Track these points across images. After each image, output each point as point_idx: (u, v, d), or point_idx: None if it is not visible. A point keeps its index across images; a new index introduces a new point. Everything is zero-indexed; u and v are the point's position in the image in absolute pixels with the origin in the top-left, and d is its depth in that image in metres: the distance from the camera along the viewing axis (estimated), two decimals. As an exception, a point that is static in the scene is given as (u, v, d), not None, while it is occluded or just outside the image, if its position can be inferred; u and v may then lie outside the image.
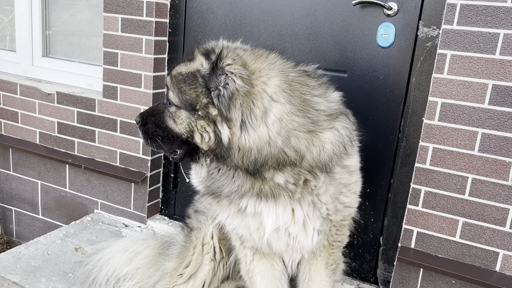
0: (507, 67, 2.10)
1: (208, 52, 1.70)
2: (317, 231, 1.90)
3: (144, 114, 1.90)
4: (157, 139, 1.83)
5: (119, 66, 3.12)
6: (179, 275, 2.33)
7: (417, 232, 2.42)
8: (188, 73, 1.72)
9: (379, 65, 2.49)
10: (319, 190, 1.81)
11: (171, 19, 3.04)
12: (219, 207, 1.92)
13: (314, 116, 1.73)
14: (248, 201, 1.81)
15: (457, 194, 2.29)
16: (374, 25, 2.47)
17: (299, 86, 1.74)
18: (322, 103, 1.78)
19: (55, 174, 3.58)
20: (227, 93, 1.62)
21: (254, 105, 1.64)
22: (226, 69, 1.63)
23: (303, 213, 1.84)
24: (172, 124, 1.78)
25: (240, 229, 1.95)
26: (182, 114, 1.73)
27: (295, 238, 1.91)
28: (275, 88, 1.67)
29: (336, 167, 1.83)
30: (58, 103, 3.44)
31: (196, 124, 1.70)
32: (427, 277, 2.44)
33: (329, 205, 1.87)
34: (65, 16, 3.63)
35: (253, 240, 1.95)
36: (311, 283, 2.14)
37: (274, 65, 1.74)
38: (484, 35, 2.12)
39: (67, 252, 2.89)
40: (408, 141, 2.48)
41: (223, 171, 1.79)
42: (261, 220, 1.85)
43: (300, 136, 1.69)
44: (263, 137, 1.65)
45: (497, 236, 2.25)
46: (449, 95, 2.22)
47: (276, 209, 1.81)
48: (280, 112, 1.66)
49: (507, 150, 2.16)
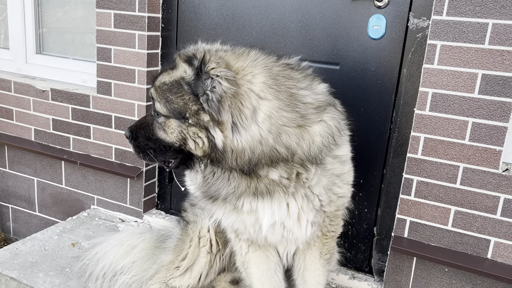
0: (496, 56, 2.12)
1: (190, 58, 1.69)
2: (311, 223, 1.92)
3: (133, 127, 1.88)
4: (149, 152, 1.82)
5: (112, 61, 3.13)
6: (175, 267, 2.35)
7: (410, 221, 2.45)
8: (173, 81, 1.70)
9: (371, 56, 2.51)
10: (311, 182, 1.82)
11: (163, 14, 3.05)
12: (215, 206, 1.93)
13: (302, 110, 1.73)
14: (244, 200, 1.82)
15: (449, 183, 2.32)
16: (365, 17, 2.48)
17: (285, 80, 1.74)
18: (309, 95, 1.79)
19: (51, 171, 3.59)
20: (215, 96, 1.61)
21: (242, 105, 1.64)
22: (211, 73, 1.62)
23: (298, 206, 1.86)
24: (163, 135, 1.77)
25: (236, 224, 1.97)
26: (172, 123, 1.71)
27: (290, 231, 1.93)
28: (261, 85, 1.68)
29: (327, 158, 1.84)
30: (52, 100, 3.45)
31: (188, 131, 1.70)
32: (420, 266, 2.47)
33: (322, 197, 1.89)
34: (59, 13, 3.63)
35: (249, 233, 1.97)
36: (305, 273, 2.17)
37: (256, 61, 1.74)
38: (473, 25, 2.14)
39: (64, 248, 2.90)
40: (400, 131, 2.50)
41: (218, 175, 1.79)
42: (257, 216, 1.87)
43: (290, 132, 1.70)
44: (255, 137, 1.65)
45: (489, 224, 2.28)
46: (439, 85, 2.25)
47: (271, 205, 1.83)
48: (269, 109, 1.66)
49: (497, 139, 2.19)
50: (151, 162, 1.92)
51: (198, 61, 1.65)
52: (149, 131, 1.81)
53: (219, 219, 2.00)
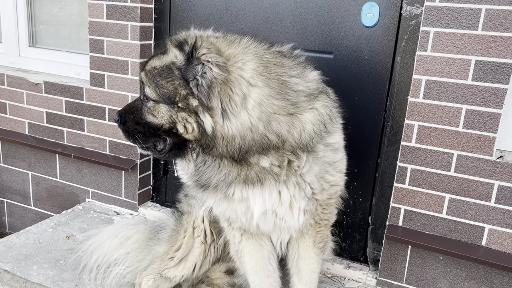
0: (489, 42, 2.11)
1: (181, 44, 1.68)
2: (303, 211, 1.91)
3: (122, 112, 1.87)
4: (137, 136, 1.81)
5: (105, 53, 3.11)
6: (170, 258, 2.34)
7: (404, 210, 2.44)
8: (163, 66, 1.70)
9: (364, 45, 2.50)
10: (302, 170, 1.81)
11: (156, 4, 3.03)
12: (206, 195, 1.92)
13: (293, 98, 1.72)
14: (235, 188, 1.82)
15: (443, 170, 2.32)
16: (359, 4, 2.47)
17: (276, 67, 1.73)
18: (300, 83, 1.77)
19: (45, 165, 3.57)
20: (205, 82, 1.61)
21: (232, 92, 1.64)
22: (202, 59, 1.61)
23: (289, 194, 1.85)
24: (151, 119, 1.76)
25: (227, 212, 1.96)
26: (162, 108, 1.71)
27: (282, 219, 1.92)
28: (251, 72, 1.67)
29: (319, 146, 1.83)
30: (46, 93, 3.43)
31: (177, 116, 1.69)
32: (415, 254, 2.47)
33: (314, 185, 1.88)
34: (51, 6, 3.60)
35: (241, 221, 1.97)
36: (299, 261, 2.16)
37: (247, 49, 1.73)
38: (466, 11, 2.12)
39: (59, 240, 2.89)
40: (394, 120, 2.49)
41: (209, 163, 1.79)
42: (248, 204, 1.86)
43: (281, 120, 1.69)
44: (245, 124, 1.65)
45: (483, 211, 2.28)
46: (433, 73, 2.23)
47: (262, 193, 1.82)
48: (259, 96, 1.65)
49: (490, 126, 2.18)
50: (141, 149, 1.88)
51: (189, 47, 1.64)
52: (138, 115, 1.80)
53: (210, 207, 2.00)
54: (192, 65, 1.63)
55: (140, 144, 1.84)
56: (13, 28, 3.64)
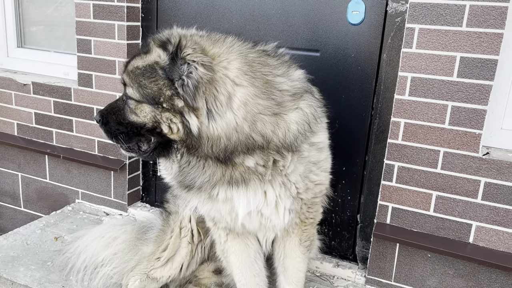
0: (474, 38, 2.10)
1: (164, 43, 1.66)
2: (288, 210, 1.91)
3: (103, 112, 1.84)
4: (120, 137, 1.78)
5: (93, 53, 3.09)
6: (156, 258, 2.33)
7: (392, 207, 2.44)
8: (146, 66, 1.67)
9: (351, 42, 2.49)
10: (287, 170, 1.81)
11: (143, 3, 3.01)
12: (190, 195, 1.90)
13: (278, 98, 1.71)
14: (220, 189, 1.80)
15: (430, 168, 2.31)
16: (344, 2, 2.46)
17: (260, 66, 1.72)
18: (285, 82, 1.76)
19: (35, 166, 3.55)
20: (191, 82, 1.59)
21: (217, 91, 1.62)
22: (187, 58, 1.60)
23: (275, 194, 1.85)
24: (134, 118, 1.73)
25: (212, 212, 1.95)
26: (145, 108, 1.68)
27: (268, 218, 1.92)
28: (236, 72, 1.66)
29: (304, 145, 1.82)
30: (34, 94, 3.41)
31: (161, 116, 1.67)
32: (403, 252, 2.46)
33: (299, 184, 1.87)
34: (39, 6, 3.58)
35: (226, 221, 1.96)
36: (286, 260, 2.15)
37: (232, 48, 1.72)
38: (451, 7, 2.12)
39: (47, 242, 2.88)
40: (381, 117, 2.48)
41: (193, 163, 1.77)
42: (233, 204, 1.85)
43: (266, 120, 1.68)
44: (230, 124, 1.64)
45: (470, 208, 2.27)
46: (418, 69, 2.23)
47: (247, 193, 1.81)
48: (244, 96, 1.64)
49: (476, 122, 2.18)
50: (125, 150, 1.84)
51: (173, 46, 1.62)
52: (121, 115, 1.78)
53: (194, 207, 1.98)
54: (177, 65, 1.62)
55: (123, 144, 1.81)
56: (1, 29, 3.62)
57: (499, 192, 2.20)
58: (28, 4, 3.61)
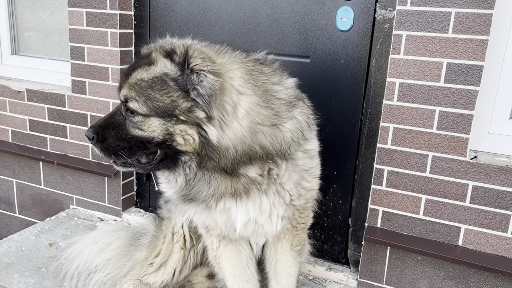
0: (460, 45, 2.14)
1: (169, 53, 1.63)
2: (281, 217, 1.94)
3: (97, 128, 1.72)
4: (122, 152, 1.69)
5: (86, 60, 3.12)
6: (149, 264, 2.35)
7: (382, 211, 2.47)
8: (154, 78, 1.61)
9: (340, 49, 2.52)
10: (282, 178, 1.83)
11: (136, 11, 3.04)
12: (187, 206, 1.90)
13: (276, 107, 1.73)
14: (223, 201, 1.81)
15: (419, 172, 2.34)
16: (333, 9, 2.49)
17: (259, 75, 1.74)
18: (282, 91, 1.79)
19: (29, 172, 3.57)
20: (206, 91, 1.57)
21: (225, 101, 1.62)
22: (196, 68, 1.58)
23: (269, 203, 1.87)
24: (139, 132, 1.66)
25: (207, 221, 1.96)
26: (154, 122, 1.63)
27: (261, 225, 1.94)
28: (239, 81, 1.67)
29: (298, 153, 1.85)
30: (28, 101, 3.43)
31: (174, 129, 1.62)
32: (394, 255, 2.49)
33: (293, 191, 1.90)
34: (33, 14, 3.61)
35: (220, 229, 1.97)
36: (277, 265, 2.17)
37: (235, 57, 1.74)
38: (437, 14, 2.15)
39: (41, 248, 2.89)
40: (371, 122, 2.51)
41: (200, 176, 1.74)
42: (229, 214, 1.87)
43: (265, 131, 1.69)
44: (237, 134, 1.64)
45: (458, 211, 2.30)
46: (406, 75, 2.26)
47: (247, 204, 1.83)
48: (248, 104, 1.65)
49: (463, 127, 2.21)
50: (122, 165, 1.77)
51: (181, 56, 1.61)
52: (122, 131, 1.69)
53: (190, 218, 2.00)
54: (187, 75, 1.59)
55: (124, 159, 1.72)
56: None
57: (486, 195, 2.23)
58: (23, 10, 3.63)
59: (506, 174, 2.18)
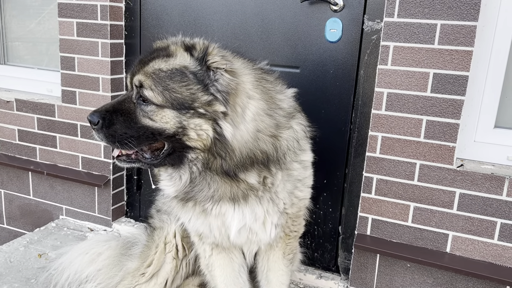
0: (446, 56, 2.19)
1: (190, 48, 1.66)
2: (275, 225, 1.96)
3: (104, 113, 1.66)
4: (129, 141, 1.64)
5: (76, 70, 3.12)
6: (141, 274, 2.34)
7: (371, 219, 2.50)
8: (173, 69, 1.62)
9: (329, 59, 2.57)
10: (277, 188, 1.86)
11: (126, 21, 3.06)
12: (183, 209, 1.91)
13: (278, 116, 1.78)
14: (219, 204, 1.83)
15: (407, 180, 2.38)
16: (322, 20, 2.54)
17: (265, 82, 1.80)
18: (284, 100, 1.85)
19: (18, 182, 3.54)
20: (223, 88, 1.61)
21: (236, 102, 1.65)
22: (214, 66, 1.62)
23: (264, 210, 1.89)
24: (150, 123, 1.64)
25: (201, 227, 1.97)
26: (168, 113, 1.62)
27: (255, 233, 1.96)
28: (250, 85, 1.71)
29: (294, 164, 1.89)
30: (17, 111, 3.42)
31: (188, 122, 1.62)
32: (383, 262, 2.52)
33: (286, 200, 1.93)
34: (22, 20, 3.60)
35: (214, 236, 1.98)
36: (269, 274, 2.19)
37: (245, 64, 1.79)
38: (423, 26, 2.21)
39: (31, 259, 2.87)
40: (360, 131, 2.56)
41: (203, 176, 1.74)
42: (224, 219, 1.88)
43: (265, 139, 1.73)
44: (243, 137, 1.67)
45: (446, 219, 2.35)
46: (394, 85, 2.31)
47: (244, 209, 1.85)
48: (256, 109, 1.69)
49: (450, 136, 2.26)
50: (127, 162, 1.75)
51: (200, 52, 1.64)
52: (131, 118, 1.66)
53: (186, 223, 2.00)
54: (206, 71, 1.63)
55: (130, 148, 1.67)
56: (-16, 46, 3.63)
57: (473, 202, 2.28)
58: (10, 19, 3.63)
59: (491, 182, 2.23)
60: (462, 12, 2.13)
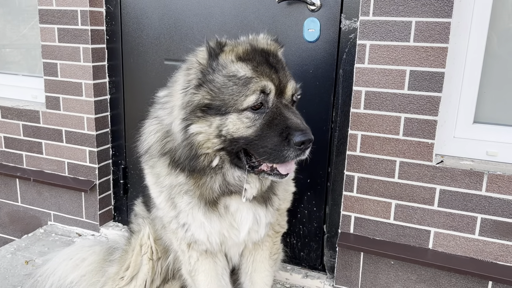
0: (421, 53, 2.20)
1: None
2: (267, 223, 2.01)
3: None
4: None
5: (59, 76, 3.12)
6: (120, 278, 2.34)
7: (354, 217, 2.50)
8: None
9: (308, 59, 2.57)
10: (278, 185, 1.97)
11: (107, 26, 3.06)
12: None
13: None
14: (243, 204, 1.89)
15: (388, 177, 2.39)
16: (300, 20, 2.54)
17: None
18: None
19: (5, 189, 3.54)
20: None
21: None
22: None
23: (265, 208, 1.97)
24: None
25: (201, 234, 1.95)
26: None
27: (255, 232, 1.99)
28: None
29: None
30: (3, 118, 3.42)
31: None
32: (367, 260, 2.52)
33: (281, 196, 2.04)
34: (3, 25, 3.60)
35: (209, 242, 1.97)
36: (254, 275, 2.19)
37: None
38: (398, 23, 2.21)
39: (17, 266, 2.87)
40: (340, 130, 2.56)
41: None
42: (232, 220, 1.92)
43: None
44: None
45: (427, 215, 2.35)
46: (371, 84, 2.31)
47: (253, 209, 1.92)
48: None
49: (428, 132, 2.26)
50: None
51: None
52: None
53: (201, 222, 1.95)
54: None
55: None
56: (-32, 54, 3.63)
57: (453, 198, 2.28)
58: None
59: (471, 177, 2.23)
60: (436, 9, 2.13)
